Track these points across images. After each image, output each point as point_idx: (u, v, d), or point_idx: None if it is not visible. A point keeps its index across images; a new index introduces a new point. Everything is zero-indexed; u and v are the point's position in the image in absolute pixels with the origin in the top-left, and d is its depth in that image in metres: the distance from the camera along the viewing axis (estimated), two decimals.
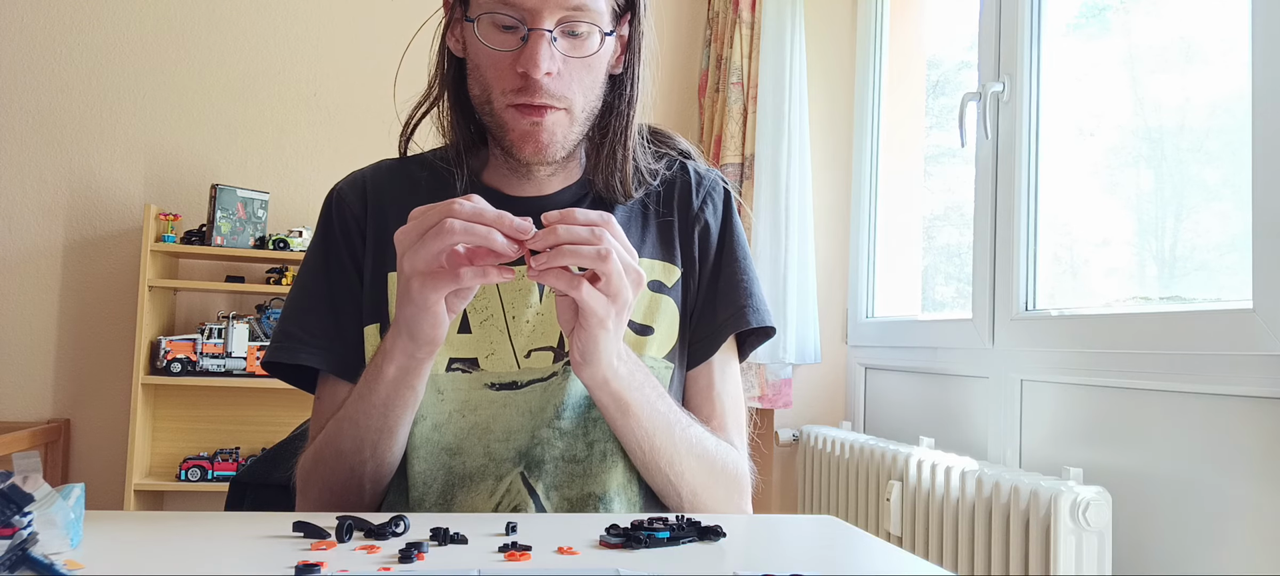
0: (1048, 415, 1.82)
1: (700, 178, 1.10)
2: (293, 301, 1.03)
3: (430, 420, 0.97)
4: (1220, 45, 1.70)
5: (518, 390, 0.97)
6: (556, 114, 0.95)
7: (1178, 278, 1.82)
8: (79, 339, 2.82)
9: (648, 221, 1.06)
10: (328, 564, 0.62)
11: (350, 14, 2.99)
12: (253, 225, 2.68)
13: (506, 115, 0.95)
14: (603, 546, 0.71)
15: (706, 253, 1.06)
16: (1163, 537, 1.53)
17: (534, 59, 0.90)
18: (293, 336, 1.00)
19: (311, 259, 1.05)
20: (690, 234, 1.06)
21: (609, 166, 1.02)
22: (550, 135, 0.95)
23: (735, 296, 1.05)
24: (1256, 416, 1.38)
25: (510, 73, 0.93)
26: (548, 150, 0.96)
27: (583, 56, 0.94)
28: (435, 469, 0.97)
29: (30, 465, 0.64)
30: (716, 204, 1.09)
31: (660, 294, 1.03)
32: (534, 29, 0.91)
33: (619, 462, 0.98)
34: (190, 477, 2.60)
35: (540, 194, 1.03)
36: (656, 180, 1.07)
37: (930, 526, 1.87)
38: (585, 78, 0.96)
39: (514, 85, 0.93)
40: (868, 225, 2.67)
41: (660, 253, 1.04)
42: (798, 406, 2.65)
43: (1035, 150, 1.94)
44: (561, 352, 0.98)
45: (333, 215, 1.05)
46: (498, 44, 0.93)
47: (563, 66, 0.93)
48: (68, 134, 2.83)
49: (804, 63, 2.54)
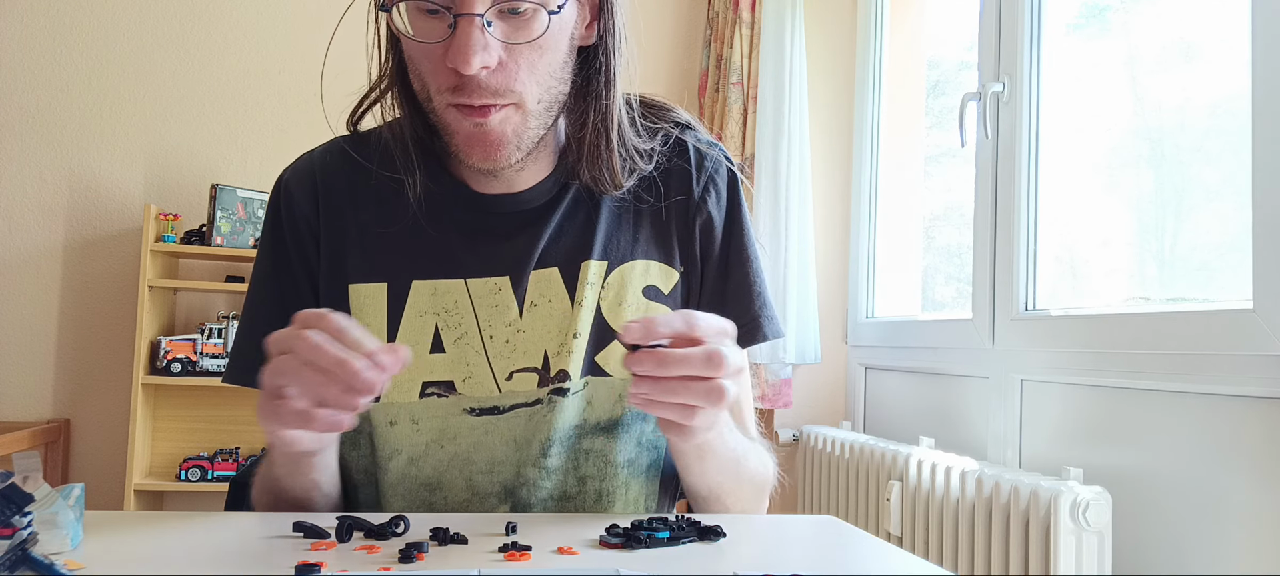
0: (1048, 415, 1.82)
1: (700, 158, 0.95)
2: (246, 313, 0.92)
3: (406, 453, 0.87)
4: (1220, 45, 1.70)
5: (500, 415, 0.86)
6: (503, 111, 0.79)
7: (1178, 278, 1.82)
8: (79, 339, 2.82)
9: (641, 216, 0.92)
10: (328, 564, 0.62)
11: (350, 14, 2.99)
12: (253, 225, 2.68)
13: (448, 115, 0.80)
14: (603, 546, 0.71)
15: (710, 250, 0.94)
16: (1163, 537, 1.53)
17: (464, 53, 0.74)
18: (245, 354, 0.89)
19: (262, 264, 0.92)
20: (690, 228, 0.93)
21: (593, 159, 0.87)
22: (499, 137, 0.80)
23: (748, 304, 0.93)
24: (1256, 416, 1.38)
25: (443, 68, 0.77)
26: (499, 153, 0.81)
27: (527, 41, 0.77)
28: (415, 507, 0.88)
29: (30, 465, 0.64)
30: (719, 189, 0.95)
31: (656, 302, 0.91)
32: (461, 15, 0.74)
33: (616, 501, 0.90)
34: (190, 477, 2.60)
35: (511, 191, 0.89)
36: (650, 163, 0.91)
37: (930, 526, 1.87)
38: (537, 64, 0.79)
39: (450, 82, 0.78)
40: (868, 225, 2.67)
41: (657, 253, 0.92)
42: (798, 406, 2.65)
43: (1035, 150, 1.94)
44: (545, 376, 0.87)
45: (281, 215, 0.91)
46: (424, 33, 0.77)
47: (505, 55, 0.77)
48: (68, 134, 2.83)
49: (804, 63, 2.54)
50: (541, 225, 0.89)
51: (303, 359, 0.65)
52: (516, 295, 0.87)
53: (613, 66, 0.85)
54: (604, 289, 0.89)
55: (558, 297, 0.88)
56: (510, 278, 0.87)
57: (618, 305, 0.89)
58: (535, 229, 0.89)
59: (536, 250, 0.88)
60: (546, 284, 0.88)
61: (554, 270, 0.89)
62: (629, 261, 0.91)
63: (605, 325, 0.89)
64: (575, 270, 0.89)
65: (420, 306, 0.87)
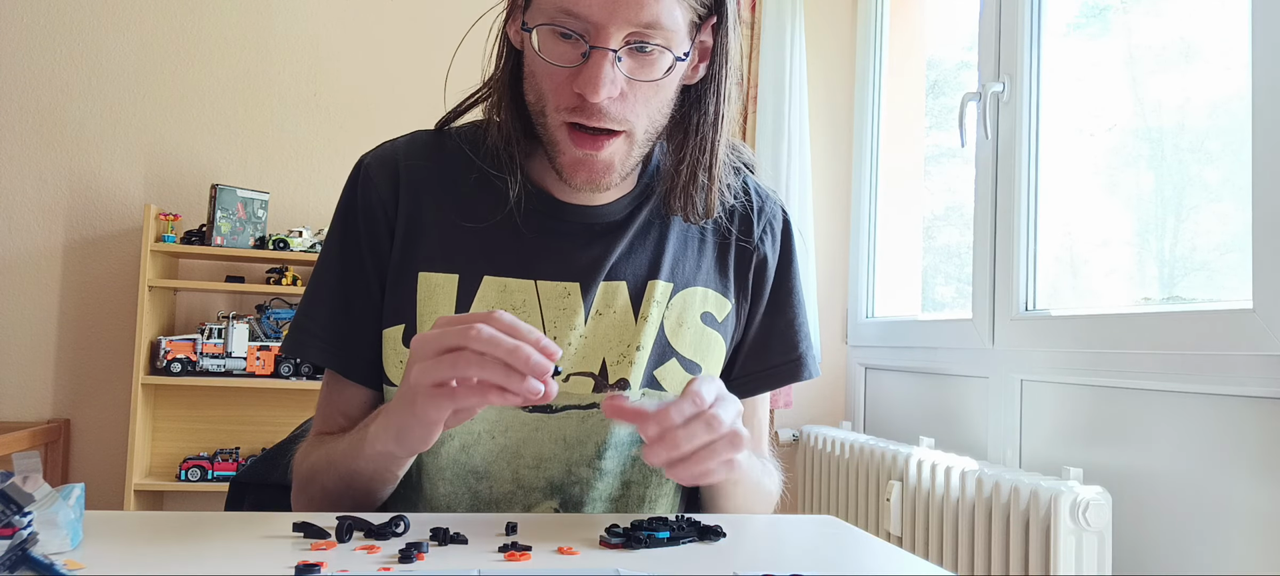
0: (1048, 415, 1.82)
1: (762, 203, 1.01)
2: (310, 288, 0.96)
3: (458, 440, 0.91)
4: (1220, 45, 1.70)
5: (552, 415, 0.91)
6: (615, 141, 0.85)
7: (1178, 278, 1.82)
8: (79, 339, 2.82)
9: (704, 245, 0.98)
10: (328, 564, 0.62)
11: (350, 14, 2.99)
12: (253, 225, 2.68)
13: (559, 134, 0.85)
14: (603, 546, 0.71)
15: (761, 289, 1.00)
16: (1163, 537, 1.53)
17: (594, 82, 0.80)
18: (305, 330, 0.93)
19: (331, 244, 0.95)
20: (746, 266, 0.99)
21: (689, 189, 0.91)
22: (606, 166, 0.86)
23: (793, 342, 1.01)
24: (1256, 416, 1.38)
25: (567, 89, 0.83)
26: (603, 179, 0.87)
27: (650, 81, 0.83)
28: (460, 491, 0.92)
29: (30, 465, 0.64)
30: (775, 234, 1.01)
31: (711, 329, 0.97)
32: (597, 47, 0.80)
33: (658, 505, 0.97)
34: (190, 477, 2.60)
35: (592, 203, 0.94)
36: (733, 198, 0.98)
37: (930, 526, 1.87)
38: (652, 100, 0.85)
39: (570, 103, 0.83)
40: (868, 225, 2.67)
41: (715, 282, 0.98)
42: (798, 406, 2.65)
43: (1035, 150, 1.94)
44: (603, 382, 0.91)
45: (357, 199, 0.94)
46: (556, 57, 0.82)
47: (627, 88, 0.83)
48: (68, 134, 2.83)
49: (804, 63, 2.54)
50: (615, 239, 0.94)
51: (477, 349, 0.69)
52: (585, 302, 0.91)
53: (721, 108, 0.90)
54: (668, 309, 0.95)
55: (622, 309, 0.93)
56: (580, 285, 0.92)
57: (678, 327, 0.95)
58: (608, 241, 0.93)
59: (608, 262, 0.93)
60: (613, 295, 0.93)
61: (622, 283, 0.93)
62: (692, 287, 0.96)
63: (666, 342, 0.94)
64: (642, 286, 0.94)
65: (489, 301, 0.91)
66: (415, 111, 2.58)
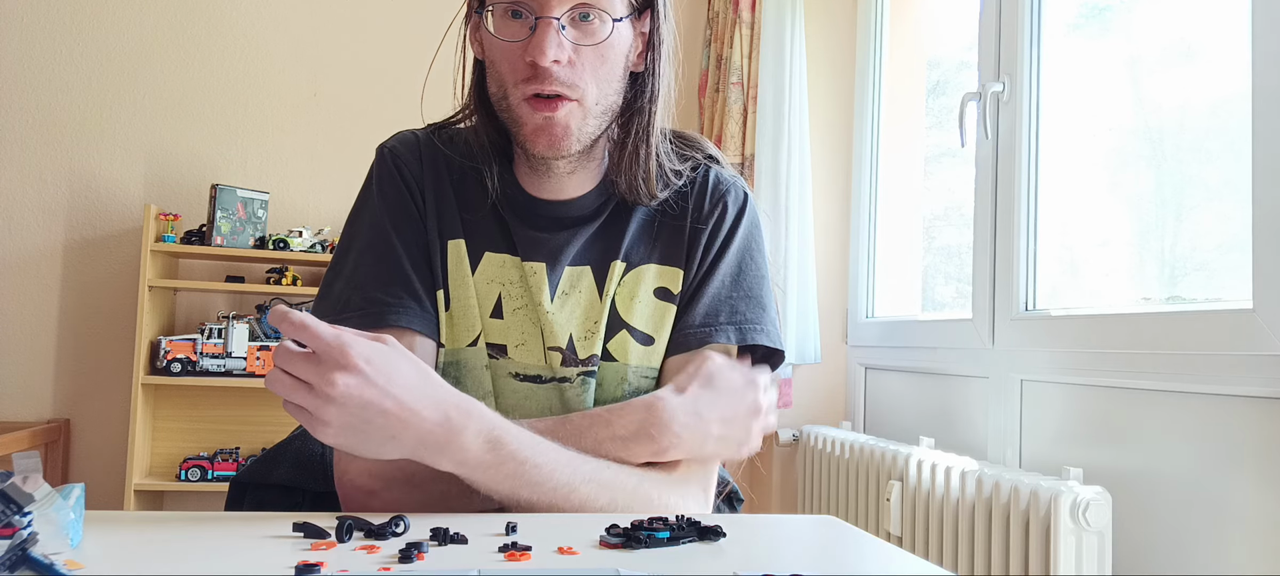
0: (1048, 415, 1.82)
1: (718, 183, 1.08)
2: (366, 269, 0.97)
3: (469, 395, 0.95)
4: (1220, 45, 1.70)
5: (540, 385, 0.99)
6: (569, 105, 0.95)
7: (1178, 278, 1.82)
8: (79, 339, 2.82)
9: (663, 229, 1.05)
10: (328, 564, 0.62)
11: (350, 13, 2.99)
12: (253, 225, 2.68)
13: (521, 110, 0.95)
14: (603, 546, 0.71)
15: (707, 255, 1.04)
16: (1163, 537, 1.53)
17: (541, 47, 0.91)
18: (380, 303, 0.95)
19: (377, 221, 1.00)
20: (697, 238, 1.05)
21: (632, 166, 1.01)
22: (563, 128, 0.95)
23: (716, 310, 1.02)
24: (1256, 416, 1.38)
25: (521, 63, 0.93)
26: (562, 143, 0.95)
27: (593, 44, 0.94)
28: None
29: (30, 465, 0.64)
30: (729, 209, 1.06)
31: (664, 302, 1.03)
32: (541, 17, 0.92)
33: None
34: (190, 477, 2.60)
35: (561, 197, 1.03)
36: (681, 181, 1.05)
37: (930, 526, 1.87)
38: (599, 68, 0.96)
39: (525, 74, 0.93)
40: (868, 225, 2.67)
41: (671, 259, 1.04)
42: (798, 406, 2.65)
43: (1035, 150, 1.94)
44: (570, 357, 0.99)
45: (390, 172, 1.03)
46: (509, 34, 0.94)
47: (574, 55, 0.94)
48: (68, 134, 2.84)
49: (804, 63, 2.54)
50: (581, 229, 1.03)
51: None
52: (550, 282, 1.00)
53: (656, 86, 1.02)
54: (620, 286, 1.03)
55: (588, 291, 1.02)
56: (546, 266, 1.01)
57: (630, 301, 1.02)
58: (574, 230, 1.03)
59: (573, 248, 1.02)
60: (578, 278, 1.02)
61: (587, 268, 1.03)
62: (646, 264, 1.04)
63: (617, 315, 1.02)
64: (605, 270, 1.02)
65: (489, 274, 1.01)
66: (415, 111, 2.58)
